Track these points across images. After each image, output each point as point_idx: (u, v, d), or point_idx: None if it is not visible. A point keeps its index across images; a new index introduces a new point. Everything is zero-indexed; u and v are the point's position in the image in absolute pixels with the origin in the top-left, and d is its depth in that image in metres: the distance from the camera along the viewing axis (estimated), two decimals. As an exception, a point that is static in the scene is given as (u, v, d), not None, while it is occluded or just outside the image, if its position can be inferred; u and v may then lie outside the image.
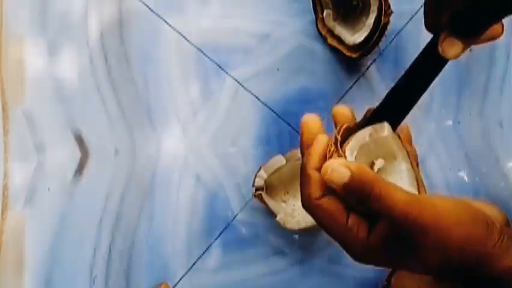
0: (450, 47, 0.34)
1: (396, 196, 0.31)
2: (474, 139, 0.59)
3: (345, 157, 0.34)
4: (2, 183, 0.58)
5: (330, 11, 0.58)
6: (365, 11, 0.55)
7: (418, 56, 0.36)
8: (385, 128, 0.37)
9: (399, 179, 0.36)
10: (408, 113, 0.38)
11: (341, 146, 0.35)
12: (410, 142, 0.39)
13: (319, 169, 0.33)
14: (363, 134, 0.36)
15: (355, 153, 0.35)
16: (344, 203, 0.33)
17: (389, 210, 0.31)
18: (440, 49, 0.34)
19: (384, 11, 0.53)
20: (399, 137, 0.38)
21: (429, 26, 0.36)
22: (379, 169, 0.36)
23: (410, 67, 0.36)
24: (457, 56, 0.34)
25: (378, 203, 0.31)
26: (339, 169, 0.32)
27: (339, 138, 0.35)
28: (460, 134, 0.60)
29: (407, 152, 0.37)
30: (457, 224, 0.32)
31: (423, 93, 0.37)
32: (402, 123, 0.38)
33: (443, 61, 0.35)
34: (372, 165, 0.37)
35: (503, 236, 0.33)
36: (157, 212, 0.58)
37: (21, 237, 0.57)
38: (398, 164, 0.37)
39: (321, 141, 0.35)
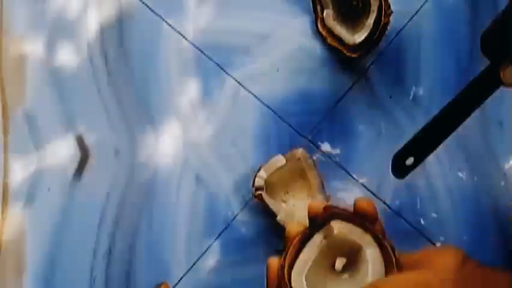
0: None
1: None
2: (474, 139, 0.59)
3: (288, 283, 0.36)
4: (2, 183, 0.58)
5: (330, 11, 0.58)
6: (365, 11, 0.55)
7: (473, 80, 0.36)
8: (333, 228, 0.37)
9: (366, 268, 0.36)
10: (443, 141, 0.37)
11: (296, 258, 0.37)
12: (375, 220, 0.38)
13: None
14: (316, 242, 0.37)
15: (308, 266, 0.37)
16: None
17: None
18: (501, 75, 0.34)
19: (384, 11, 0.53)
20: (360, 222, 0.37)
21: (489, 51, 0.36)
22: (344, 266, 0.37)
23: (464, 90, 0.36)
24: None
25: None
26: None
27: (284, 264, 0.37)
28: (459, 133, 0.60)
29: (371, 233, 0.37)
30: None
31: (467, 118, 0.36)
32: (366, 203, 0.37)
33: (496, 87, 0.35)
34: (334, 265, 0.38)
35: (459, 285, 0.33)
36: (157, 212, 0.58)
37: (21, 237, 0.57)
38: (363, 253, 0.37)
39: (271, 267, 0.38)
